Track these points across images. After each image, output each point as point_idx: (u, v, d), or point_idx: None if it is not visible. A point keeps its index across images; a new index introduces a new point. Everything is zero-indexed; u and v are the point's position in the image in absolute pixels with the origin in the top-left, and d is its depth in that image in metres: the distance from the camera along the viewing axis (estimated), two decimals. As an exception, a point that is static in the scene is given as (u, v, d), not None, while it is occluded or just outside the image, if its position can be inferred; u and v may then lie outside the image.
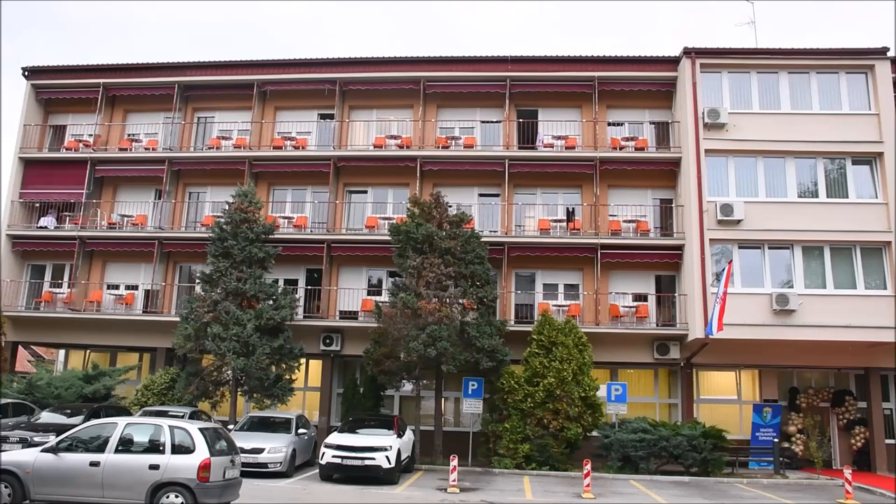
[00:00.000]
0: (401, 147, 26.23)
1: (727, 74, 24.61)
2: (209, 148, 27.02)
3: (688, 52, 24.52)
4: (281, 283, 24.95)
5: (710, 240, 23.13)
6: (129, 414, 19.97)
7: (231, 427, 20.02)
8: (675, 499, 16.99)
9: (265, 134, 26.97)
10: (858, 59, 24.36)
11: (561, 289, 25.42)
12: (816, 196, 23.70)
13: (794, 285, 22.85)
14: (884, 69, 24.18)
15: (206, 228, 25.06)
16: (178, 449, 11.90)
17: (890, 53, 24.34)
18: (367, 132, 27.17)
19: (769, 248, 23.21)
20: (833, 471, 22.20)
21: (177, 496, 11.55)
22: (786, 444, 23.33)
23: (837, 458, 23.88)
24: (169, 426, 12.27)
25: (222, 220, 23.04)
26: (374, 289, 25.81)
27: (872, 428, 23.74)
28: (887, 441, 23.87)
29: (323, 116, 27.37)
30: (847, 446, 24.04)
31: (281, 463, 18.09)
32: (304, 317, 24.92)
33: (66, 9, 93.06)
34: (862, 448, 23.81)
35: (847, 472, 17.77)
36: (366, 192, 26.75)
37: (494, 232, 25.17)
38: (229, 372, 21.96)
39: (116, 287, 26.37)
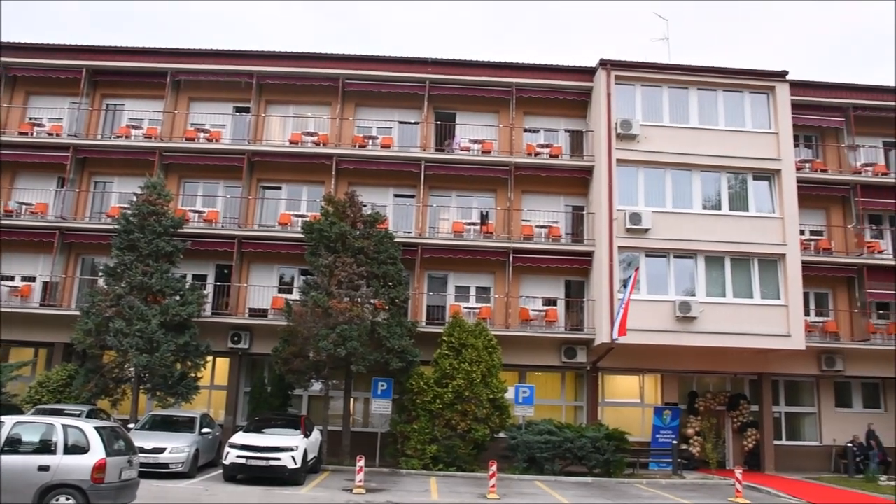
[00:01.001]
0: (317, 144, 25.97)
1: (640, 87, 25.34)
2: (118, 136, 26.07)
3: (604, 63, 25.13)
4: (189, 278, 24.36)
5: (619, 247, 23.77)
6: (20, 412, 19.05)
7: (131, 426, 19.41)
8: (577, 499, 17.39)
9: (178, 125, 26.22)
10: (761, 80, 25.50)
11: (473, 291, 25.68)
12: (720, 208, 24.66)
13: (696, 293, 23.72)
14: (783, 91, 25.40)
15: (111, 220, 24.18)
16: (71, 449, 11.45)
17: (789, 77, 25.57)
18: (283, 128, 26.78)
19: (674, 256, 24.02)
20: (726, 471, 23.16)
21: (68, 498, 11.13)
22: (684, 446, 24.17)
23: (731, 459, 24.92)
24: (62, 425, 11.78)
25: (129, 211, 22.32)
26: (286, 287, 25.47)
27: (763, 430, 24.90)
28: (776, 442, 25.13)
29: (238, 110, 26.81)
30: (740, 447, 25.12)
31: (183, 463, 17.65)
32: (213, 313, 24.37)
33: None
34: (753, 449, 24.94)
35: (738, 472, 18.66)
36: (280, 188, 26.35)
37: (408, 233, 25.24)
38: (131, 369, 21.26)
39: (11, 278, 25.06)
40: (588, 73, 25.99)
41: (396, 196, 26.19)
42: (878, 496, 19.21)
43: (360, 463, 17.36)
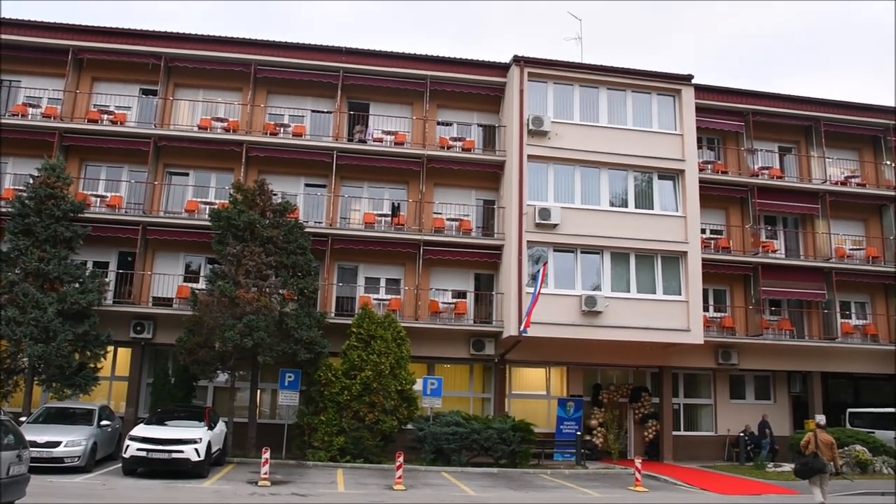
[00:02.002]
0: (227, 131, 25.38)
1: (552, 85, 25.74)
2: (13, 115, 24.69)
3: (517, 60, 25.41)
4: (90, 265, 23.46)
5: (528, 242, 24.13)
6: None
7: (23, 419, 18.59)
8: (482, 490, 17.64)
9: (80, 105, 25.14)
10: (668, 83, 26.28)
11: (383, 283, 25.64)
12: (626, 206, 25.32)
13: (602, 288, 24.30)
14: (689, 94, 26.28)
15: (5, 203, 23.01)
16: (-46, 444, 10.86)
17: (694, 81, 26.47)
18: (192, 112, 26.03)
19: (581, 252, 24.55)
20: (627, 461, 23.84)
21: (-49, 495, 10.59)
22: (588, 437, 24.80)
23: (632, 449, 25.69)
24: (-56, 419, 11.18)
25: (25, 194, 21.28)
26: (192, 275, 24.85)
27: (663, 421, 25.82)
28: (675, 433, 26.11)
29: (146, 92, 25.92)
30: (641, 438, 25.97)
31: (79, 457, 17.01)
32: (115, 302, 23.55)
33: None
34: (653, 439, 25.85)
35: (637, 462, 19.31)
36: (187, 174, 25.63)
37: (319, 223, 24.96)
38: (25, 359, 20.34)
39: None
40: (502, 68, 26.24)
41: (307, 186, 25.87)
42: (765, 481, 20.32)
43: (266, 455, 17.11)
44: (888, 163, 29.02)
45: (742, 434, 25.43)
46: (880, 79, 77.93)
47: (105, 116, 25.02)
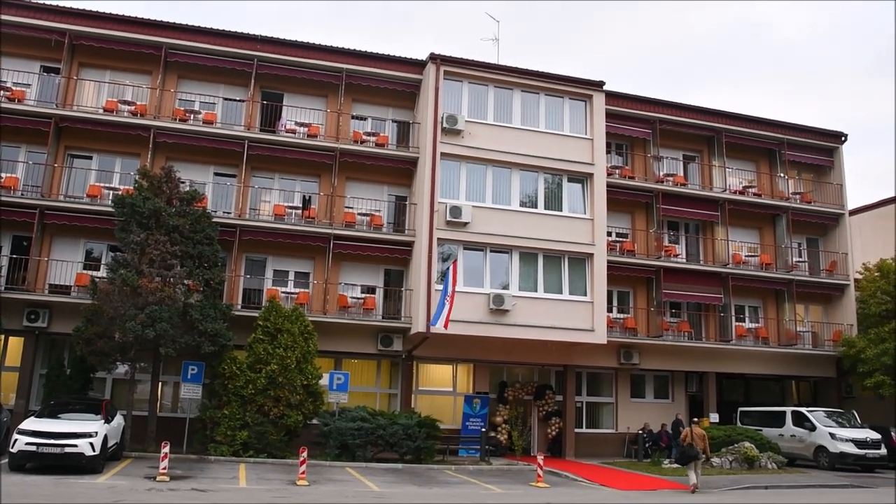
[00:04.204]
0: (134, 114, 24.53)
1: (468, 84, 25.95)
2: None
3: (434, 57, 25.51)
4: (-19, 250, 22.38)
5: (439, 239, 24.24)
6: None
7: None
8: (386, 486, 17.60)
9: (-28, 80, 23.90)
10: (580, 88, 26.87)
11: (292, 276, 25.35)
12: (536, 207, 25.75)
13: (510, 287, 24.64)
14: (599, 100, 26.96)
15: None
16: None
17: (606, 87, 27.16)
18: (97, 94, 25.03)
19: (491, 251, 24.84)
20: (531, 457, 24.19)
21: None
22: (492, 434, 25.10)
23: (535, 446, 26.21)
24: None
25: None
26: (93, 263, 23.96)
27: (566, 419, 26.39)
28: (577, 430, 26.77)
29: (47, 70, 24.79)
30: (544, 435, 26.50)
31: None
32: (7, 288, 22.38)
33: None
34: (556, 436, 26.40)
35: (540, 459, 19.63)
36: (91, 157, 24.66)
37: (228, 213, 24.47)
38: None
39: None
40: (418, 65, 26.31)
41: (217, 175, 25.30)
42: (661, 477, 21.02)
43: (165, 449, 16.63)
44: (782, 175, 30.50)
45: (641, 432, 26.26)
46: (778, 95, 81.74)
47: (1, 93, 23.82)
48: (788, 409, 26.84)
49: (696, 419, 20.80)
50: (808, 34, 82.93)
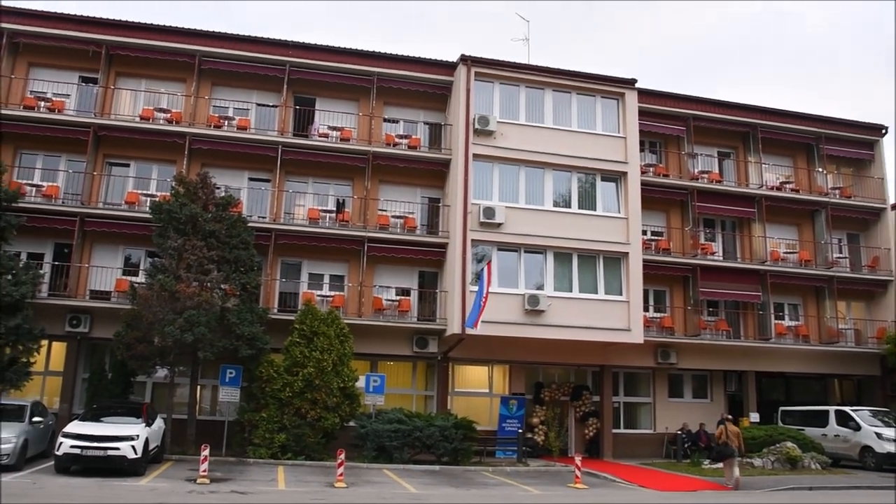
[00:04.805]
0: (170, 122, 24.92)
1: (499, 85, 25.91)
2: (-59, 100, 23.96)
3: (464, 59, 25.51)
4: (24, 256, 22.81)
5: (473, 240, 24.22)
6: None
7: (-51, 416, 17.96)
8: (424, 487, 17.62)
9: (15, 90, 24.32)
10: (612, 87, 26.69)
11: (327, 279, 25.49)
12: (569, 206, 25.61)
13: (545, 287, 24.53)
14: (632, 98, 26.75)
15: (-67, 191, 22.22)
16: None
17: (638, 85, 26.94)
18: (134, 102, 25.47)
19: (525, 251, 24.76)
20: (568, 458, 24.01)
21: None
22: (529, 435, 24.95)
23: (572, 447, 26.01)
24: None
25: (-46, 183, 20.62)
26: (132, 269, 24.32)
27: (603, 419, 26.20)
28: (614, 430, 26.53)
29: (86, 80, 25.25)
30: (581, 436, 26.31)
31: (9, 455, 16.50)
32: (49, 295, 22.89)
33: None
34: (593, 437, 26.21)
35: (578, 460, 19.49)
36: (128, 165, 25.07)
37: (263, 218, 24.69)
38: (-48, 353, 19.70)
39: None
40: (449, 67, 26.33)
41: (251, 180, 25.55)
42: (701, 478, 20.71)
43: (205, 452, 16.84)
44: (820, 170, 30.00)
45: (680, 432, 25.96)
46: (814, 88, 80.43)
47: (42, 103, 24.34)
48: (832, 409, 26.30)
49: (729, 417, 20.72)
50: (839, 24, 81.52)
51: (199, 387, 22.65)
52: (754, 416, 27.25)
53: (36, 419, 18.51)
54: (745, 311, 28.49)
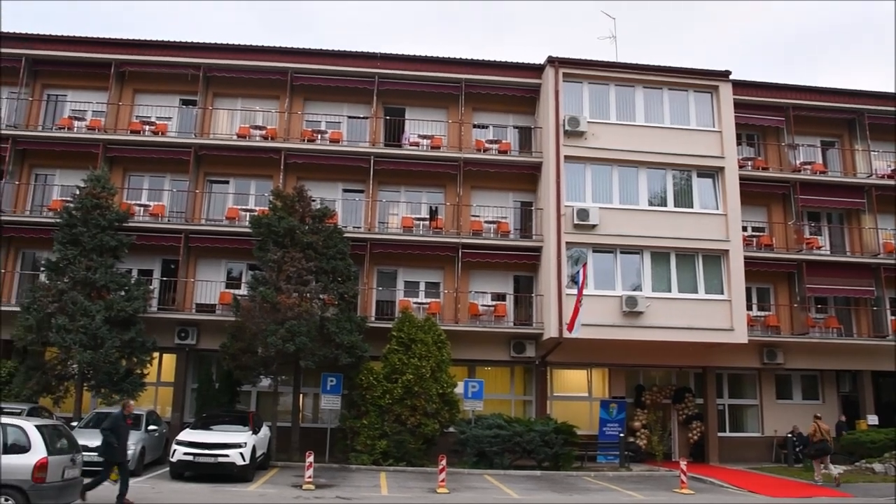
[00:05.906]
0: (265, 138, 25.70)
1: (588, 85, 25.61)
2: (59, 128, 25.41)
3: (552, 60, 25.34)
4: (135, 273, 23.89)
5: (567, 243, 24.00)
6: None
7: (74, 424, 18.98)
8: (525, 493, 17.54)
9: (122, 117, 25.69)
10: (705, 80, 26.01)
11: (422, 286, 25.70)
12: (665, 205, 25.08)
13: (643, 288, 24.09)
14: (726, 91, 25.97)
15: (53, 213, 23.55)
16: (11, 448, 11.00)
17: (732, 77, 26.12)
18: (230, 121, 26.42)
19: (621, 252, 24.36)
20: (672, 463, 23.48)
21: (7, 499, 10.72)
22: (631, 439, 24.51)
23: (676, 451, 25.37)
24: (1, 424, 11.30)
25: (72, 205, 21.73)
26: (234, 282, 25.18)
27: (707, 422, 25.46)
28: (720, 434, 25.73)
29: (185, 102, 26.38)
30: (685, 440, 25.61)
31: (129, 461, 17.32)
32: (159, 309, 23.96)
33: None
34: (698, 441, 25.48)
35: (683, 464, 19.00)
36: (227, 182, 26.03)
37: (358, 228, 25.15)
38: (75, 366, 20.73)
39: (-52, 273, 24.33)
40: (536, 70, 26.18)
41: (345, 191, 26.06)
42: (814, 483, 19.85)
43: (310, 459, 17.21)
44: (936, 154, 28.32)
45: (790, 435, 24.94)
46: (925, 71, 76.14)
47: (147, 127, 25.54)
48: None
49: (818, 415, 20.90)
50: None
51: (301, 395, 23.19)
52: (872, 419, 25.90)
53: (151, 427, 19.45)
54: (857, 308, 27.14)
